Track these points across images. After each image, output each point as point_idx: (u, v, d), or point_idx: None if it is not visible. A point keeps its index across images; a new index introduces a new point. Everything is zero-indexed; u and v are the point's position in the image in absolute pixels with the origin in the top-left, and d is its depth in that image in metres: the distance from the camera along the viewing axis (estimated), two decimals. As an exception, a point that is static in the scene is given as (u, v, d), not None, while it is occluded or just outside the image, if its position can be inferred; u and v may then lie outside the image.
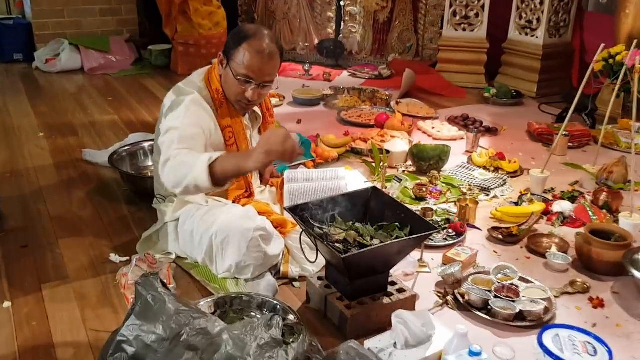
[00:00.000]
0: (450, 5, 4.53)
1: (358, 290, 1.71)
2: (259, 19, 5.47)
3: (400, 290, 1.78)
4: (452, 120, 3.69)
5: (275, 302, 1.66)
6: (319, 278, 1.83)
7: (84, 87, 4.46)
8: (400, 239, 1.64)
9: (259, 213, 1.96)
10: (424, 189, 2.58)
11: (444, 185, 2.71)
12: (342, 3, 5.13)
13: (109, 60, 5.06)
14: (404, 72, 4.24)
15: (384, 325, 1.67)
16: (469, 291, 1.85)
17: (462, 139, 3.38)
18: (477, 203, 2.42)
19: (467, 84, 4.56)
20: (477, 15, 4.50)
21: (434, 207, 2.47)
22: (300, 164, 2.82)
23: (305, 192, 2.15)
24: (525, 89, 4.36)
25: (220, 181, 1.62)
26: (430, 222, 2.13)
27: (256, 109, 2.10)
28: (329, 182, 2.20)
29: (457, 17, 4.55)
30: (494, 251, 2.20)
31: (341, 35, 5.21)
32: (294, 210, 1.77)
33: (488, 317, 1.76)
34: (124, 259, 2.06)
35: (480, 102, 4.23)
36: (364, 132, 3.32)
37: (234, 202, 2.01)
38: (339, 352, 1.37)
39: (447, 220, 2.33)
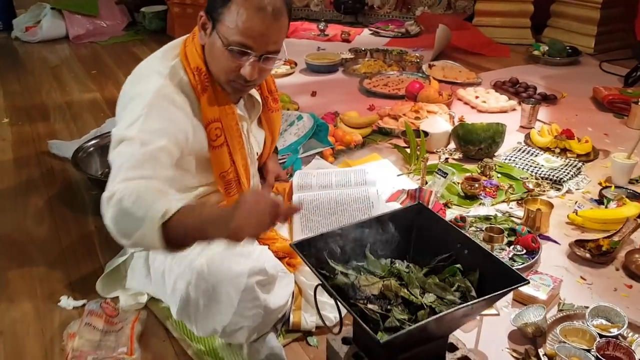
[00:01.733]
0: (490, -54, 3.85)
1: (403, 366, 1.16)
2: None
3: (464, 361, 1.21)
4: (499, 87, 3.04)
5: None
6: (345, 340, 1.27)
7: (67, 59, 3.86)
8: (470, 303, 1.06)
9: (258, 240, 1.40)
10: (477, 185, 1.98)
11: (500, 176, 2.12)
12: (360, -51, 4.46)
13: (98, 26, 4.45)
14: (435, 28, 3.58)
15: (443, 422, 1.13)
16: (559, 352, 1.28)
17: (514, 110, 2.77)
18: (551, 206, 1.82)
19: (510, 40, 3.95)
20: (521, -44, 3.82)
21: (494, 211, 1.89)
22: (316, 153, 2.23)
23: (321, 205, 1.57)
24: (581, 44, 3.69)
25: (178, 245, 1.07)
26: (510, 260, 1.57)
27: (254, 92, 1.50)
28: (354, 190, 1.61)
29: (498, -40, 3.88)
30: (581, 277, 1.61)
31: (360, -13, 4.56)
32: (303, 247, 1.20)
33: (596, 401, 1.20)
34: (79, 303, 1.53)
35: (529, 62, 3.58)
36: (393, 105, 2.70)
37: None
38: None
39: (512, 231, 1.75)
